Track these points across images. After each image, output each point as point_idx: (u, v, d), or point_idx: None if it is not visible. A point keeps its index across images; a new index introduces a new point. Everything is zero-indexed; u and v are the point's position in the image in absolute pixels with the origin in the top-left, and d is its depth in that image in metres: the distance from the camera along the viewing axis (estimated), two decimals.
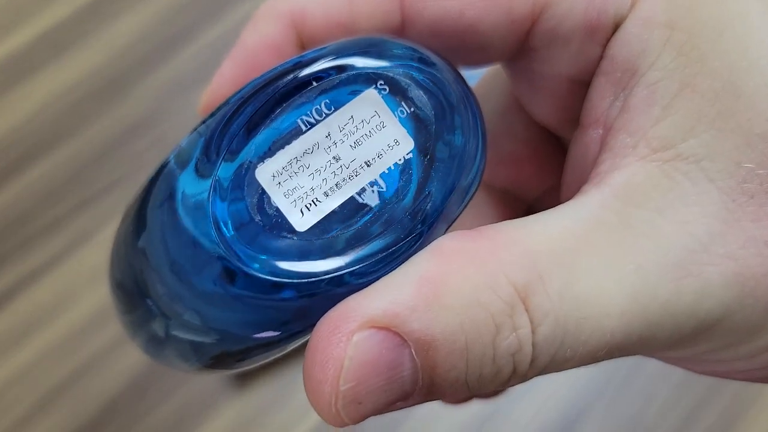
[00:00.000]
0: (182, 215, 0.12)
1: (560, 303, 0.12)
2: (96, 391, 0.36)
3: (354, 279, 0.12)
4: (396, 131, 0.12)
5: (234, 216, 0.12)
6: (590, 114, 0.14)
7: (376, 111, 0.12)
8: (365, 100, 0.12)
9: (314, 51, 0.13)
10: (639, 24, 0.13)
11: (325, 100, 0.12)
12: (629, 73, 0.13)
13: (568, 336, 0.12)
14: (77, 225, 0.40)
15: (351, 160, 0.12)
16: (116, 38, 0.45)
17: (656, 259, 0.12)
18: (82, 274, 0.39)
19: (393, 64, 0.13)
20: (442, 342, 0.11)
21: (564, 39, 0.14)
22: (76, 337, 0.37)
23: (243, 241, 0.12)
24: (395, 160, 0.13)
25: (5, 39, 0.44)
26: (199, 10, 0.46)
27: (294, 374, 0.37)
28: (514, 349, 0.12)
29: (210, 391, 0.37)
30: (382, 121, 0.12)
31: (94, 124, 0.42)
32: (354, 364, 0.11)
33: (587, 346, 0.12)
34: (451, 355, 0.11)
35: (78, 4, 0.46)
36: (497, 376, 0.12)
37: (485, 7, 0.14)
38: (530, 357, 0.12)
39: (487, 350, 0.12)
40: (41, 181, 0.41)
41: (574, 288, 0.12)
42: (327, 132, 0.12)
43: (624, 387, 0.38)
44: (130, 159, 0.42)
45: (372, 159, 0.12)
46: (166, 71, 0.44)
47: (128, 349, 0.37)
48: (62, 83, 0.43)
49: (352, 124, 0.12)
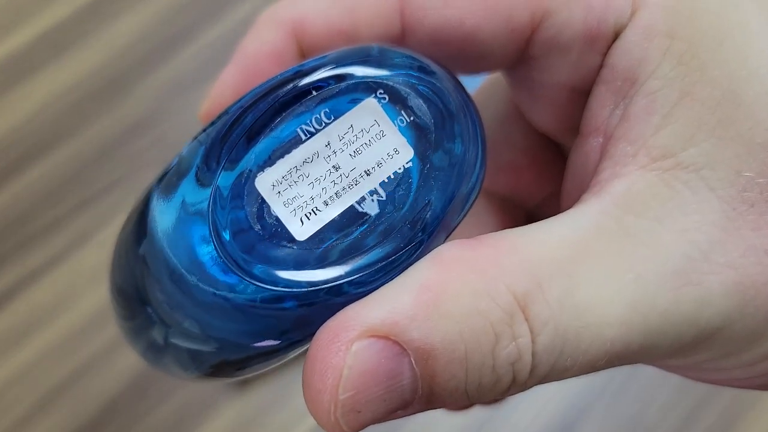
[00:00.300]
0: (182, 223, 0.12)
1: (560, 311, 0.12)
2: (96, 391, 0.36)
3: (353, 288, 0.12)
4: (396, 140, 0.12)
5: (234, 224, 0.12)
6: (590, 123, 0.14)
7: (376, 120, 0.12)
8: (365, 109, 0.12)
9: (314, 60, 0.13)
10: (639, 33, 0.13)
11: (325, 109, 0.12)
12: (629, 81, 0.13)
13: (568, 345, 0.12)
14: (77, 225, 0.40)
15: (351, 169, 0.12)
16: (116, 38, 0.45)
17: (656, 268, 0.12)
18: (82, 274, 0.39)
19: (393, 73, 0.12)
20: (442, 351, 0.11)
21: (563, 48, 0.14)
22: (76, 337, 0.37)
23: (242, 249, 0.12)
24: (395, 169, 0.12)
25: (5, 39, 0.44)
26: (199, 10, 0.46)
27: (294, 375, 0.37)
28: (513, 358, 0.12)
29: (210, 391, 0.37)
30: (382, 130, 0.12)
31: (94, 124, 0.42)
32: (353, 374, 0.11)
33: (587, 355, 0.12)
34: (450, 364, 0.11)
35: (78, 4, 0.46)
36: (497, 385, 0.12)
37: (485, 15, 0.14)
38: (530, 366, 0.12)
39: (486, 359, 0.12)
40: (41, 181, 0.41)
41: (574, 296, 0.12)
42: (327, 141, 0.12)
43: (624, 387, 0.38)
44: (130, 159, 0.42)
45: (372, 168, 0.12)
46: (166, 71, 0.44)
47: (128, 350, 0.37)
48: (62, 83, 0.43)
49: (352, 133, 0.12)
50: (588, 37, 0.13)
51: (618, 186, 0.13)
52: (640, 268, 0.12)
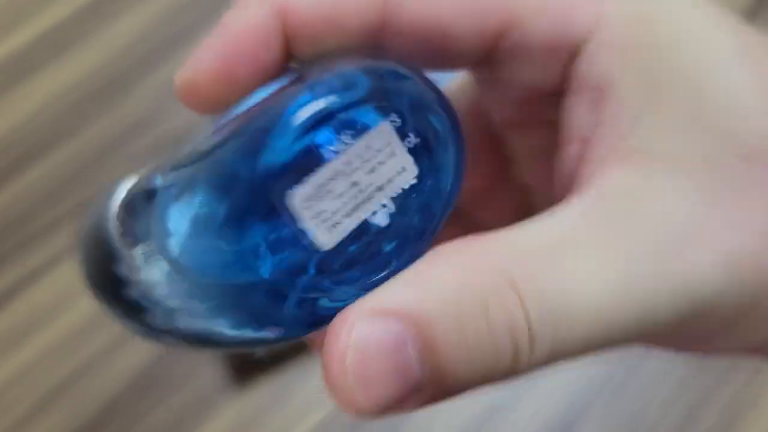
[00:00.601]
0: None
1: (549, 287, 0.13)
2: (96, 391, 0.37)
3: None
4: (404, 160, 0.14)
5: (272, 243, 0.13)
6: (567, 132, 0.15)
7: (389, 142, 0.14)
8: (380, 131, 0.14)
9: (324, 82, 0.14)
10: (603, 45, 0.14)
11: (347, 131, 0.14)
12: (598, 91, 0.14)
13: (561, 320, 0.12)
14: (77, 225, 0.40)
15: (368, 184, 0.14)
16: (116, 38, 0.45)
17: (643, 248, 0.13)
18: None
19: (403, 100, 0.14)
20: (438, 319, 0.12)
21: (527, 55, 0.15)
22: (76, 337, 0.37)
23: (286, 267, 0.14)
24: (402, 185, 0.14)
25: (5, 39, 0.45)
26: (198, 10, 0.46)
27: (294, 374, 0.38)
28: (508, 323, 0.12)
29: (210, 391, 0.37)
30: (393, 151, 0.14)
31: (94, 124, 0.43)
32: (358, 350, 0.12)
33: (581, 334, 0.13)
34: (447, 332, 0.12)
35: (78, 4, 0.46)
36: (500, 356, 0.12)
37: (460, 16, 0.14)
38: (527, 335, 0.12)
39: (480, 324, 0.12)
40: (41, 181, 0.41)
41: (563, 274, 0.13)
42: (348, 160, 0.14)
43: (623, 385, 0.38)
44: (129, 159, 0.42)
45: (384, 184, 0.14)
46: (166, 71, 0.44)
47: (128, 349, 0.37)
48: (62, 83, 0.44)
49: (369, 153, 0.14)
50: (551, 48, 0.15)
51: (599, 182, 0.14)
52: (628, 248, 0.13)
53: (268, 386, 0.37)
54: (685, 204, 0.13)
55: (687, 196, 0.13)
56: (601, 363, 0.39)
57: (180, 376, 0.37)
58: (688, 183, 0.13)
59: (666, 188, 0.13)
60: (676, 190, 0.13)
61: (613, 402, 0.38)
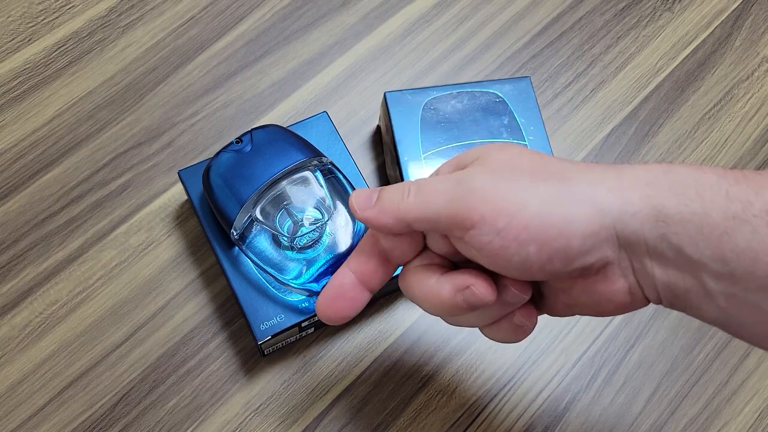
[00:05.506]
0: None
1: (421, 181, 0.29)
2: (102, 388, 0.37)
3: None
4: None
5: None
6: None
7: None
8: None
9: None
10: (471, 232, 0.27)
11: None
12: (475, 249, 0.27)
13: (423, 191, 0.28)
14: (92, 225, 0.41)
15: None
16: (129, 48, 0.46)
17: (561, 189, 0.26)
18: (98, 272, 0.40)
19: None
20: (384, 190, 0.29)
21: (430, 237, 0.29)
22: (88, 335, 0.38)
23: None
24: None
25: (24, 48, 0.45)
26: (207, 23, 0.47)
27: (294, 370, 0.38)
28: (404, 185, 0.29)
29: (211, 390, 0.37)
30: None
31: (108, 129, 0.43)
32: (356, 196, 0.29)
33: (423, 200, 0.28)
34: (385, 191, 0.29)
35: (91, 15, 0.46)
36: (402, 195, 0.28)
37: (418, 217, 0.28)
38: (409, 188, 0.28)
39: (396, 187, 0.29)
40: (57, 184, 0.42)
41: (427, 180, 0.29)
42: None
43: (611, 377, 0.39)
44: (141, 163, 0.43)
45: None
46: (177, 80, 0.45)
47: (131, 349, 0.38)
48: (79, 91, 0.44)
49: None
50: (443, 236, 0.28)
51: None
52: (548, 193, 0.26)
53: (271, 380, 0.38)
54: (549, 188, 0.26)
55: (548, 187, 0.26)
56: (588, 353, 0.39)
57: (180, 375, 0.38)
58: (574, 174, 0.26)
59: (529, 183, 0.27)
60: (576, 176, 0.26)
61: (601, 393, 0.38)
